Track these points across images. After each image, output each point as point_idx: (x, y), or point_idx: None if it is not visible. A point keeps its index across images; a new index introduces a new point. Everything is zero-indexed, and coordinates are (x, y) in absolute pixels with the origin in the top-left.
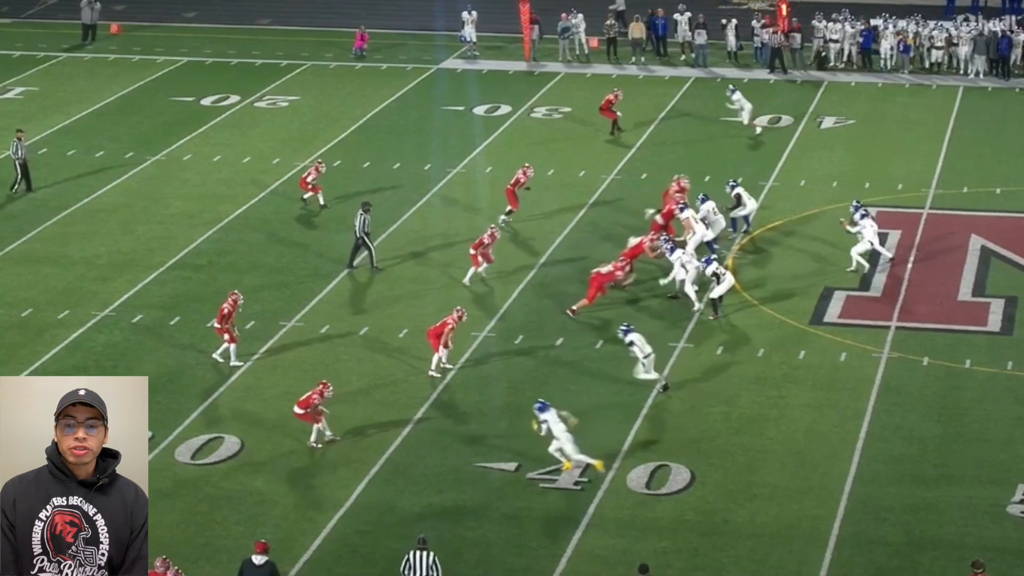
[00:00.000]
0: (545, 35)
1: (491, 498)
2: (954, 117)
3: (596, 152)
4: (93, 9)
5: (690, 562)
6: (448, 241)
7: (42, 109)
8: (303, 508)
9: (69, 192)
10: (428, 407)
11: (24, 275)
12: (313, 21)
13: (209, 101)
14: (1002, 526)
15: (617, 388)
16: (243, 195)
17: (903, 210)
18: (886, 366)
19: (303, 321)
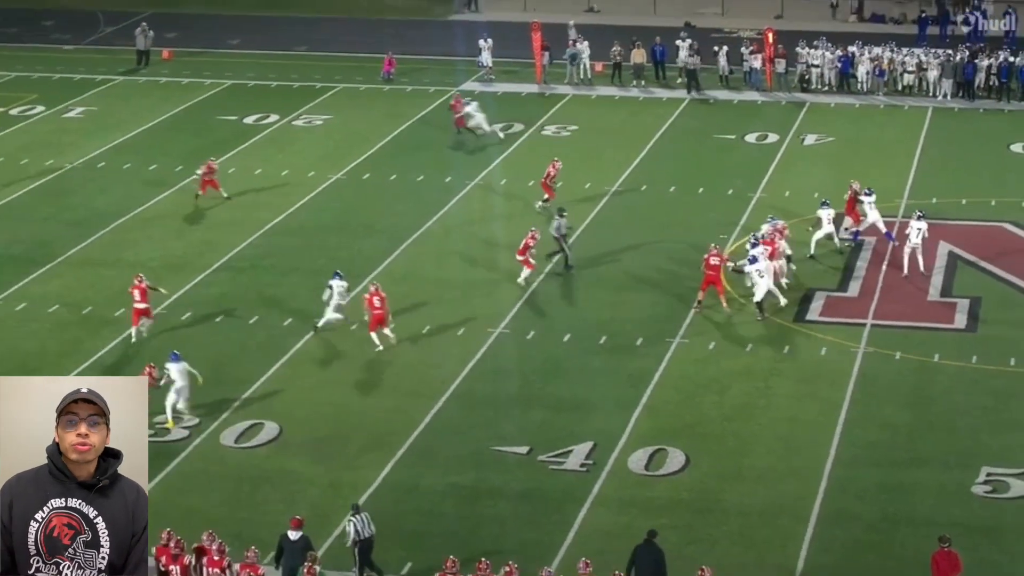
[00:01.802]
0: (555, 60)
1: (506, 478)
2: (924, 135)
3: (601, 166)
4: (147, 36)
5: (685, 536)
6: (468, 248)
7: (101, 127)
8: (335, 487)
9: (124, 202)
10: (449, 396)
11: (84, 277)
12: (346, 48)
13: (251, 120)
14: (968, 505)
15: (619, 380)
16: (282, 204)
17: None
18: (862, 360)
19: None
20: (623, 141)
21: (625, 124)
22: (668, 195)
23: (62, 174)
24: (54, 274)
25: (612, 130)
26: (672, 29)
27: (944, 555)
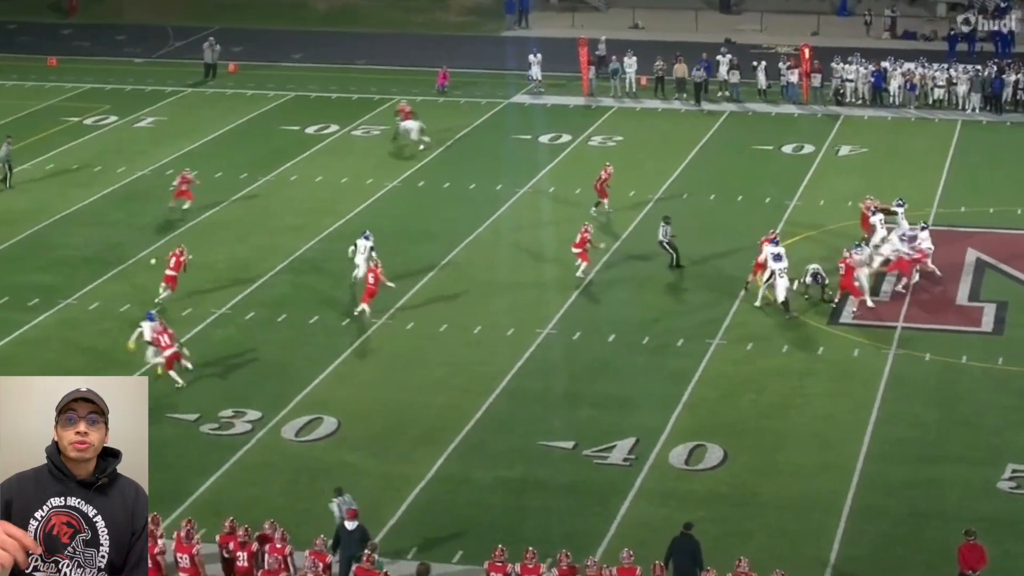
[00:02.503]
0: (600, 74)
1: (552, 472)
2: (953, 146)
3: (644, 174)
4: (214, 50)
5: (723, 529)
6: (517, 252)
7: (169, 136)
8: (390, 480)
9: (193, 208)
10: (499, 393)
11: (155, 278)
12: (402, 62)
13: (312, 130)
14: (993, 500)
15: (661, 378)
16: (341, 210)
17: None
18: (893, 361)
19: (392, 319)
20: (666, 151)
21: (668, 135)
22: (708, 203)
23: (133, 180)
24: (125, 276)
25: (655, 141)
26: (713, 45)
27: (970, 547)
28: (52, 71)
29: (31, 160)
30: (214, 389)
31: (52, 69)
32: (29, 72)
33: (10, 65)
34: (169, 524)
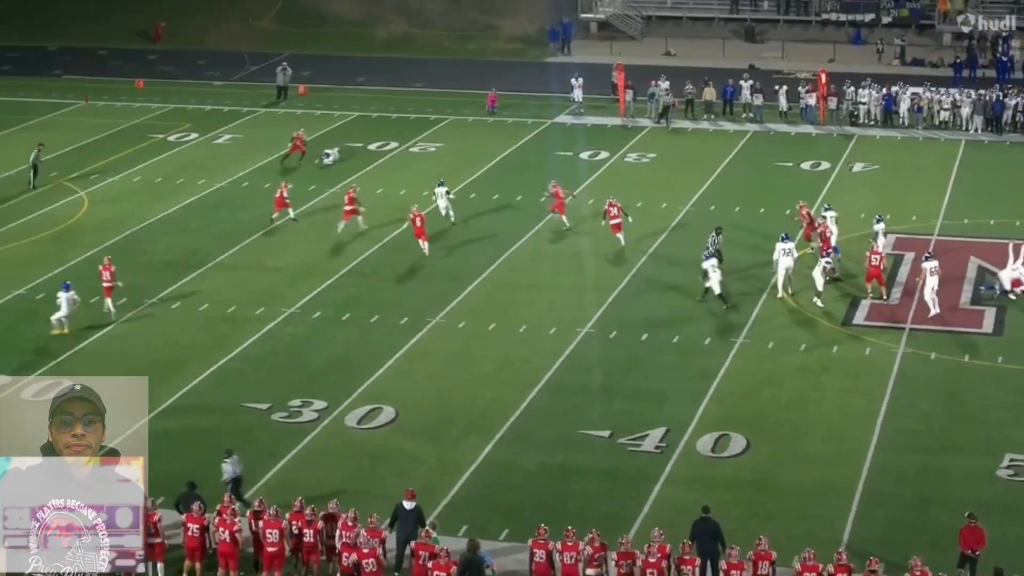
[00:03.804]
0: (637, 97)
1: (590, 459)
2: (957, 164)
3: (675, 188)
4: (286, 74)
5: (746, 511)
6: (559, 257)
7: (244, 151)
8: (443, 464)
9: (264, 216)
10: (541, 387)
11: (231, 280)
12: (456, 85)
13: (374, 146)
14: (994, 487)
15: (689, 374)
16: (400, 219)
17: (916, 236)
18: (902, 359)
19: (444, 318)
20: (695, 168)
21: (697, 153)
22: (733, 214)
23: (212, 192)
24: (204, 278)
25: (685, 158)
26: (738, 71)
27: (971, 529)
28: (140, 93)
29: (120, 173)
30: (284, 381)
31: (140, 91)
32: (119, 93)
33: (102, 87)
34: None
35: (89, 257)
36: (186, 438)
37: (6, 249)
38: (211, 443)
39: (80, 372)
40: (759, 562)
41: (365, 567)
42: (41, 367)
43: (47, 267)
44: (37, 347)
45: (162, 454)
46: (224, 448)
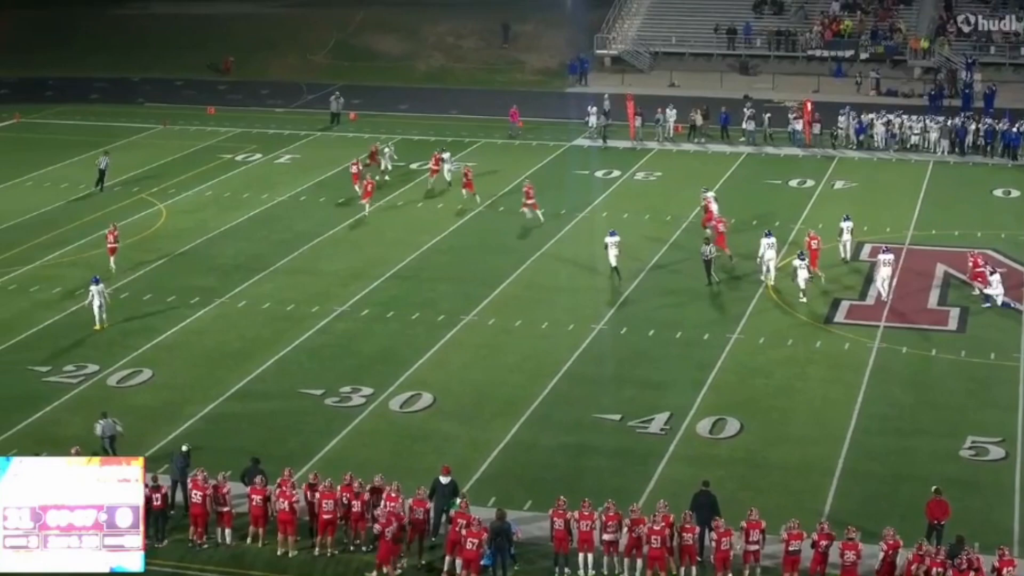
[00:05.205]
0: (645, 123)
1: (603, 439)
2: (926, 182)
3: (679, 202)
4: (338, 102)
5: (739, 485)
6: (577, 263)
7: (302, 170)
8: (475, 444)
9: (320, 226)
10: (561, 376)
11: (290, 282)
12: (486, 112)
13: (415, 165)
14: (957, 465)
15: (690, 365)
16: (437, 229)
17: (890, 245)
18: (876, 353)
19: (477, 316)
20: (696, 184)
21: (698, 172)
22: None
23: (274, 205)
24: (267, 280)
25: (687, 176)
26: (735, 100)
27: (936, 503)
28: (211, 118)
29: (193, 188)
30: (336, 370)
31: (211, 116)
32: (192, 119)
33: (177, 113)
34: (299, 477)
35: (169, 260)
36: (251, 419)
37: (97, 254)
38: (273, 424)
39: (158, 363)
40: (750, 530)
41: (385, 534)
42: (123, 358)
43: (132, 269)
44: (120, 340)
45: (229, 433)
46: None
